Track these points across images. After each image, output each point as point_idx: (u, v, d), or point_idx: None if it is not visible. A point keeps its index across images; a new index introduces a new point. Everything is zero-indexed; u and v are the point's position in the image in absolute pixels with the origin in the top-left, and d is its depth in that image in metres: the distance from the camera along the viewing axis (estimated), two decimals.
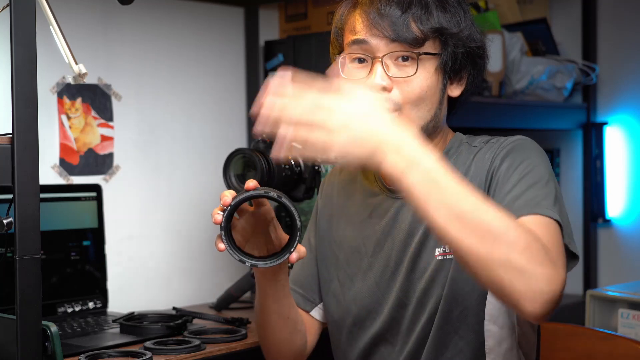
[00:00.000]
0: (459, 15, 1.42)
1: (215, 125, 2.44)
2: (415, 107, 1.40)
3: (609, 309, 2.21)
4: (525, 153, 1.40)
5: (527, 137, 1.45)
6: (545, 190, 1.33)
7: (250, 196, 1.33)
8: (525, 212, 1.28)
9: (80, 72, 1.38)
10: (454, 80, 1.45)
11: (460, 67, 1.43)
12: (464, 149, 1.48)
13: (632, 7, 2.70)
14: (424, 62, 1.39)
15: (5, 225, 1.25)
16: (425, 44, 1.39)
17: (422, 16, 1.38)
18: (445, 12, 1.40)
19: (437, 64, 1.40)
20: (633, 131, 2.69)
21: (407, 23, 1.37)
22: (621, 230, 2.72)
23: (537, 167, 1.37)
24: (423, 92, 1.40)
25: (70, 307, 2.00)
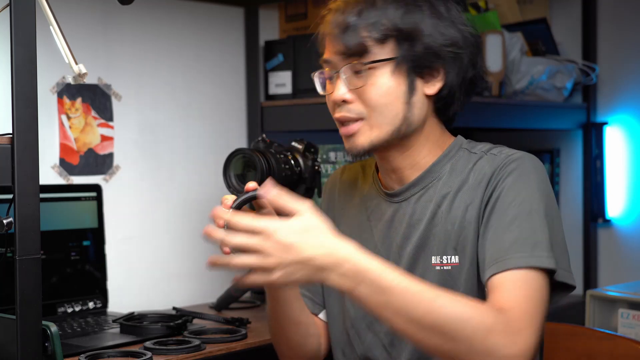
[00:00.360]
0: (419, 13, 1.41)
1: (215, 125, 2.44)
2: (379, 114, 1.42)
3: (609, 309, 2.21)
4: (525, 182, 1.38)
5: (530, 156, 1.42)
6: (540, 233, 1.34)
7: (249, 197, 1.35)
8: (512, 265, 1.30)
9: (80, 72, 1.38)
10: (428, 78, 1.43)
11: (427, 65, 1.42)
12: (463, 155, 1.48)
13: (632, 7, 2.70)
14: (377, 68, 1.41)
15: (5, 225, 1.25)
16: (375, 50, 1.40)
17: (376, 22, 1.40)
18: (402, 11, 1.40)
19: (392, 68, 1.41)
20: (633, 131, 2.69)
21: (357, 33, 1.40)
22: (621, 230, 2.72)
23: (536, 201, 1.36)
24: (381, 99, 1.41)
25: (70, 307, 2.00)
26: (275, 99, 2.45)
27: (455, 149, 1.49)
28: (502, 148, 1.46)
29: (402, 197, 1.49)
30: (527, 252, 1.31)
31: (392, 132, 1.42)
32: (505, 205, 1.36)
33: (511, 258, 1.31)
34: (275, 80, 2.45)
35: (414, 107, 1.43)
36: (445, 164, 1.47)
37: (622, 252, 2.72)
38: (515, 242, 1.32)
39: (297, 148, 2.10)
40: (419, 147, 1.47)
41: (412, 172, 1.48)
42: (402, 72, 1.41)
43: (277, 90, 2.44)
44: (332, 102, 1.46)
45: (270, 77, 2.46)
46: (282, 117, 2.41)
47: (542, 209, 1.36)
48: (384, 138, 1.43)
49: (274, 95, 2.45)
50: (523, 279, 1.29)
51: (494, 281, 1.30)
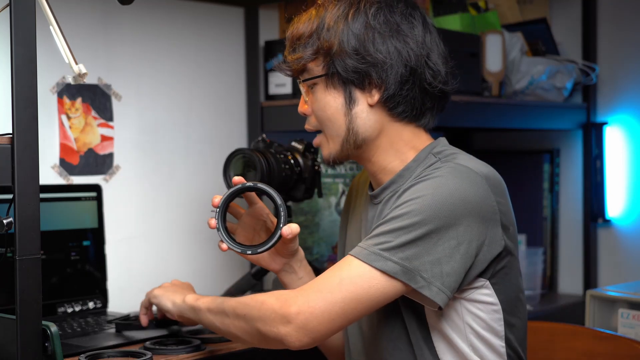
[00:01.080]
0: (347, 27, 1.45)
1: (215, 125, 2.44)
2: (326, 127, 1.51)
3: (609, 309, 2.21)
4: (419, 193, 1.38)
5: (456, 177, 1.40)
6: (410, 245, 1.35)
7: (234, 191, 1.46)
8: (353, 252, 1.38)
9: (80, 72, 1.38)
10: (367, 89, 1.47)
11: (359, 76, 1.46)
12: (430, 160, 1.49)
13: (632, 7, 2.70)
14: (317, 84, 1.49)
15: (5, 225, 1.26)
16: (311, 67, 1.49)
17: (310, 41, 1.48)
18: (332, 28, 1.46)
19: (325, 84, 1.48)
20: (633, 131, 2.69)
21: (295, 53, 1.50)
22: (621, 230, 2.72)
23: (416, 212, 1.36)
24: (322, 113, 1.49)
25: (70, 307, 2.00)
26: (275, 99, 2.45)
27: (425, 154, 1.51)
28: (466, 160, 1.45)
29: (378, 199, 1.55)
30: (373, 251, 1.36)
31: (342, 143, 1.49)
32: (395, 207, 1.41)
33: (356, 249, 1.38)
34: (275, 80, 2.45)
35: (357, 117, 1.48)
36: (415, 169, 1.50)
37: (622, 252, 2.72)
38: (372, 241, 1.37)
39: (297, 148, 2.10)
40: (382, 154, 1.51)
41: (383, 176, 1.53)
42: (335, 86, 1.47)
43: (277, 90, 2.44)
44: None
45: (270, 77, 2.46)
46: (282, 117, 2.41)
47: (421, 232, 1.36)
48: (338, 149, 1.50)
49: (274, 95, 2.45)
50: (340, 266, 1.39)
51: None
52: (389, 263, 1.33)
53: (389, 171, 1.51)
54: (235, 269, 2.45)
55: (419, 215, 1.35)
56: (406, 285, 1.34)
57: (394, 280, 1.33)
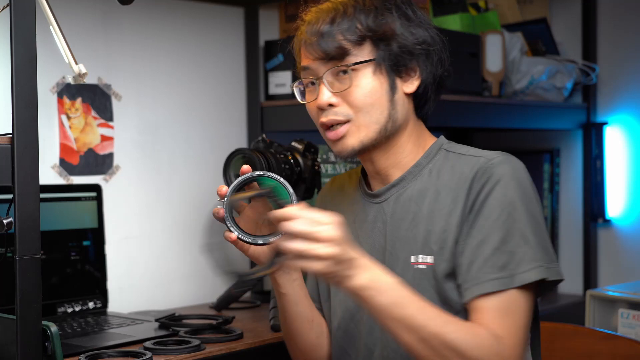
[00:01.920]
0: (388, 16, 1.46)
1: (215, 125, 2.44)
2: (365, 114, 1.46)
3: (609, 309, 2.21)
4: (507, 192, 1.39)
5: (509, 159, 1.43)
6: (525, 244, 1.37)
7: (242, 180, 1.41)
8: (497, 288, 1.35)
9: (80, 72, 1.38)
10: (406, 77, 1.48)
11: (403, 64, 1.46)
12: (442, 155, 1.50)
13: (632, 7, 2.70)
14: (359, 70, 1.45)
15: (5, 225, 1.26)
16: (354, 52, 1.45)
17: (350, 26, 1.44)
18: (373, 15, 1.45)
19: (373, 68, 1.45)
20: (633, 131, 2.69)
21: (333, 38, 1.45)
22: (621, 230, 2.72)
23: (518, 211, 1.38)
24: (367, 99, 1.45)
25: (70, 307, 2.00)
26: (275, 99, 2.45)
27: (436, 149, 1.51)
28: (481, 151, 1.47)
29: (382, 198, 1.52)
30: (510, 273, 1.36)
31: (380, 131, 1.46)
32: (488, 219, 1.39)
33: (495, 283, 1.36)
34: (275, 80, 2.45)
35: (397, 104, 1.47)
36: (426, 164, 1.50)
37: (622, 252, 2.72)
38: (498, 264, 1.36)
39: (297, 148, 2.10)
40: (402, 146, 1.50)
41: (394, 171, 1.51)
42: (382, 71, 1.45)
43: (277, 90, 2.44)
44: (315, 108, 1.49)
45: (270, 77, 2.46)
46: (282, 117, 2.41)
47: (524, 218, 1.38)
48: (372, 137, 1.46)
49: (274, 95, 2.45)
50: (509, 302, 1.36)
51: (480, 303, 1.36)
52: (537, 272, 1.37)
53: (402, 166, 1.50)
54: None
55: (526, 211, 1.38)
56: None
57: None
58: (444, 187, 1.45)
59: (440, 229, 1.43)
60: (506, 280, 1.35)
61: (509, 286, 1.35)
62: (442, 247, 1.42)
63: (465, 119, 2.32)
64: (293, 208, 1.28)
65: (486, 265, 1.37)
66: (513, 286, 1.35)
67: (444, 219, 1.43)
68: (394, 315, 1.29)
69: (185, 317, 2.01)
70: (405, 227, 1.47)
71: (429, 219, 1.44)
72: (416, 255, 1.45)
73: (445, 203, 1.44)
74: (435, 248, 1.42)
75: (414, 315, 1.29)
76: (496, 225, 1.38)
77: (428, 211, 1.45)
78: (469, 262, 1.38)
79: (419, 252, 1.44)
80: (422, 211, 1.46)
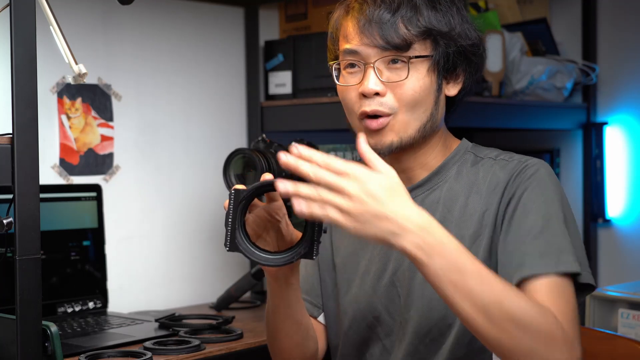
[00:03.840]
0: (450, 14, 1.41)
1: (215, 125, 2.44)
2: (410, 109, 1.40)
3: (609, 309, 2.21)
4: (544, 191, 1.37)
5: (543, 163, 1.41)
6: (562, 240, 1.33)
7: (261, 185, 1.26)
8: (543, 270, 1.29)
9: (80, 72, 1.38)
10: (450, 80, 1.44)
11: (454, 65, 1.42)
12: (469, 158, 1.47)
13: (632, 7, 2.70)
14: (416, 64, 1.39)
15: (5, 225, 1.26)
16: (415, 45, 1.39)
17: (412, 18, 1.38)
18: (436, 11, 1.40)
19: (429, 65, 1.40)
20: (633, 131, 2.69)
21: (396, 27, 1.38)
22: (621, 230, 2.72)
23: (555, 209, 1.36)
24: (417, 94, 1.39)
25: (70, 307, 2.00)
26: (275, 99, 2.45)
27: (462, 152, 1.48)
28: (511, 154, 1.45)
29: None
30: (554, 259, 1.31)
31: (419, 130, 1.41)
32: (527, 214, 1.35)
33: (540, 264, 1.30)
34: (275, 80, 2.45)
35: (440, 106, 1.44)
36: (452, 166, 1.47)
37: (622, 252, 2.72)
38: (541, 250, 1.32)
39: None
40: (432, 147, 1.47)
41: (421, 172, 1.47)
42: (435, 70, 1.41)
43: (277, 90, 2.44)
44: (355, 93, 1.41)
45: (270, 77, 2.46)
46: (282, 117, 2.41)
47: (562, 216, 1.36)
48: (411, 135, 1.41)
49: (274, 95, 2.45)
50: (558, 286, 1.29)
51: (530, 285, 1.29)
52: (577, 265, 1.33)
53: (429, 167, 1.47)
54: (235, 268, 2.44)
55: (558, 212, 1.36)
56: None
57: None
58: (476, 192, 1.42)
59: (474, 233, 1.40)
60: (551, 264, 1.30)
61: (555, 269, 1.29)
62: (476, 252, 1.38)
63: (465, 119, 2.32)
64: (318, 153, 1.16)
65: (529, 249, 1.32)
66: (558, 270, 1.29)
67: (478, 224, 1.40)
68: (450, 279, 1.18)
69: (185, 317, 2.01)
70: None
71: (461, 223, 1.41)
72: None
73: (477, 207, 1.41)
74: (472, 253, 1.36)
75: (471, 280, 1.18)
76: (537, 216, 1.34)
77: (459, 216, 1.42)
78: (510, 252, 1.33)
79: None
80: (453, 215, 1.42)
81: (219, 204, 2.42)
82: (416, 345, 1.44)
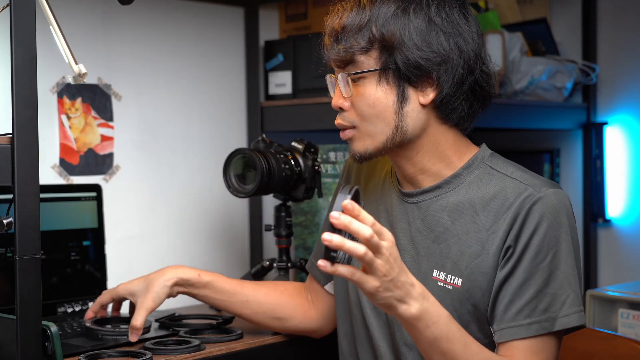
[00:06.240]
0: (404, 19, 1.38)
1: (215, 125, 2.44)
2: (369, 123, 1.42)
3: (609, 309, 2.21)
4: (554, 232, 1.37)
5: (556, 193, 1.38)
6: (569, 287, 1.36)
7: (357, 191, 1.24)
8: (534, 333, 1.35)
9: (80, 72, 1.38)
10: (421, 87, 1.41)
11: (414, 75, 1.39)
12: (484, 170, 1.45)
13: (632, 8, 2.70)
14: (366, 78, 1.40)
15: (5, 225, 1.26)
16: (362, 59, 1.39)
17: (363, 30, 1.38)
18: (397, 20, 1.38)
19: (377, 79, 1.40)
20: (633, 131, 2.69)
21: (346, 42, 1.40)
22: (621, 230, 2.72)
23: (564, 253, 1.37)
24: (370, 109, 1.41)
25: (70, 307, 2.00)
26: (275, 99, 2.45)
27: (478, 161, 1.46)
28: (525, 173, 1.43)
29: (414, 200, 1.48)
30: (552, 314, 1.34)
31: (386, 141, 1.42)
32: (533, 260, 1.36)
33: (534, 324, 1.35)
34: (275, 80, 2.45)
35: (407, 116, 1.41)
36: (465, 176, 1.45)
37: (622, 252, 2.72)
38: (540, 304, 1.35)
39: (297, 148, 2.10)
40: (426, 155, 1.45)
41: (424, 177, 1.47)
42: (389, 81, 1.40)
43: (277, 90, 2.44)
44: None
45: (270, 77, 2.46)
46: (282, 117, 2.41)
47: (569, 260, 1.37)
48: (378, 147, 1.43)
49: (274, 95, 2.45)
50: (542, 344, 1.36)
51: (513, 343, 1.35)
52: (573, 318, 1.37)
53: (432, 174, 1.46)
54: (235, 268, 2.45)
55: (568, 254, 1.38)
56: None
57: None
58: (483, 208, 1.41)
59: (474, 252, 1.39)
60: (546, 324, 1.34)
61: (548, 330, 1.35)
62: (473, 272, 1.39)
63: None
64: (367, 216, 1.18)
65: (527, 307, 1.35)
66: (553, 330, 1.35)
67: (480, 244, 1.39)
68: (440, 348, 1.26)
69: (185, 317, 2.01)
70: (431, 237, 1.44)
71: (463, 239, 1.41)
72: (444, 273, 1.41)
73: (482, 226, 1.40)
74: (467, 272, 1.39)
75: (457, 351, 1.27)
76: (541, 266, 1.35)
77: (463, 230, 1.41)
78: (508, 301, 1.36)
79: (447, 271, 1.41)
80: (456, 228, 1.42)
81: (219, 204, 2.42)
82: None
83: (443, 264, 1.41)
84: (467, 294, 1.39)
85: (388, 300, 1.21)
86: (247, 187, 2.01)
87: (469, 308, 1.39)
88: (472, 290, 1.39)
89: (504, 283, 1.37)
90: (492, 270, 1.38)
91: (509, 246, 1.37)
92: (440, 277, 1.41)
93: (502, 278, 1.37)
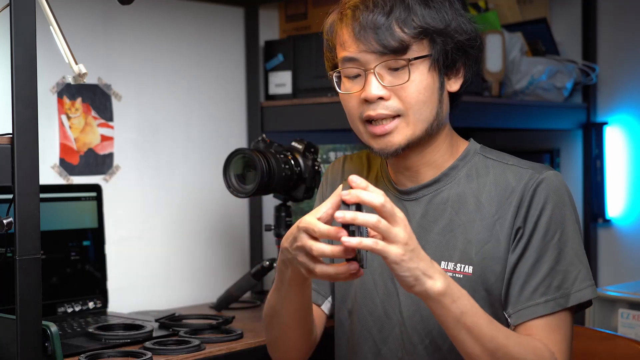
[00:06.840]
0: (444, 10, 1.40)
1: (215, 125, 2.44)
2: (416, 110, 1.40)
3: (609, 309, 2.21)
4: (561, 210, 1.39)
5: (557, 177, 1.42)
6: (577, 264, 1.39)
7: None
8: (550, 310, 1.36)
9: (80, 72, 1.38)
10: (451, 75, 1.44)
11: (454, 61, 1.42)
12: (479, 160, 1.47)
13: (632, 8, 2.70)
14: (416, 65, 1.39)
15: (5, 225, 1.26)
16: (413, 46, 1.38)
17: (406, 19, 1.37)
18: (429, 8, 1.38)
19: (429, 64, 1.39)
20: (633, 131, 2.69)
21: (392, 31, 1.37)
22: (621, 230, 2.72)
23: (571, 231, 1.40)
24: (421, 95, 1.39)
25: (70, 307, 2.00)
26: (275, 99, 2.45)
27: (472, 153, 1.48)
28: (521, 160, 1.45)
29: (414, 196, 1.48)
30: (564, 299, 1.37)
31: (426, 129, 1.41)
32: (542, 238, 1.38)
33: (550, 302, 1.36)
34: (275, 80, 2.45)
35: (443, 103, 1.44)
36: (461, 168, 1.46)
37: (622, 252, 2.72)
38: (554, 281, 1.37)
39: (297, 148, 2.10)
40: (438, 146, 1.46)
41: (426, 170, 1.47)
42: (436, 68, 1.40)
43: (277, 90, 2.44)
44: (357, 100, 1.41)
45: (270, 77, 2.46)
46: (282, 117, 2.41)
47: (576, 236, 1.40)
48: (418, 135, 1.41)
49: (274, 95, 2.45)
50: (558, 321, 1.37)
51: (531, 322, 1.37)
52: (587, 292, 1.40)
53: (437, 166, 1.46)
54: (235, 269, 2.45)
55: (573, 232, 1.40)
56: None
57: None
58: (486, 197, 1.42)
59: (482, 239, 1.40)
60: (561, 300, 1.37)
61: (564, 306, 1.36)
62: (484, 257, 1.40)
63: (465, 119, 2.32)
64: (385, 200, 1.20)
65: (542, 285, 1.37)
66: (568, 305, 1.36)
67: (488, 230, 1.40)
68: (466, 323, 1.26)
69: (185, 317, 2.01)
70: (437, 230, 1.44)
71: (469, 228, 1.42)
72: (452, 264, 1.42)
73: (487, 213, 1.41)
74: (477, 259, 1.40)
75: (483, 325, 1.27)
76: (551, 244, 1.38)
77: (467, 220, 1.42)
78: (523, 282, 1.38)
79: (456, 261, 1.41)
80: (460, 218, 1.43)
81: (219, 204, 2.42)
82: (415, 345, 1.44)
83: (450, 255, 1.42)
84: (480, 280, 1.40)
85: (414, 272, 1.21)
86: (247, 187, 2.01)
87: (482, 294, 1.40)
88: (484, 276, 1.40)
89: (517, 264, 1.39)
90: (505, 253, 1.40)
91: (519, 227, 1.39)
92: (449, 268, 1.42)
93: (514, 260, 1.39)
